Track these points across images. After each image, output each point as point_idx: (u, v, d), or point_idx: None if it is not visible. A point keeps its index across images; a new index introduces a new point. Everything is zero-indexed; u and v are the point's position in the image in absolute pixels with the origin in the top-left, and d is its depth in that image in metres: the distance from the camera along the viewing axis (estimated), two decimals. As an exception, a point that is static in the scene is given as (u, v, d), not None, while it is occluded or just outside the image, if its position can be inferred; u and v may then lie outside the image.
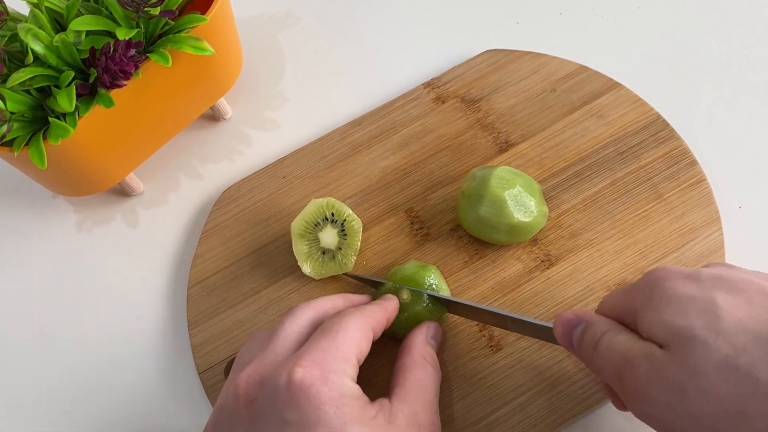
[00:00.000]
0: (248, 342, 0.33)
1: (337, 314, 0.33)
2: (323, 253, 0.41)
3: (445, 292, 0.39)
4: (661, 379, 0.25)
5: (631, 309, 0.29)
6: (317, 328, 0.32)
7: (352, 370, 0.30)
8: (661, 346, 0.26)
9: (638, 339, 0.27)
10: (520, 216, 0.38)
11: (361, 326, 0.32)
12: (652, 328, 0.27)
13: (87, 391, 0.42)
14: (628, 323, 0.29)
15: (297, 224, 0.41)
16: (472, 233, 0.40)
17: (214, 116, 0.49)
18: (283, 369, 0.29)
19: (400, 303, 0.37)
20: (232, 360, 0.40)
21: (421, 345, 0.35)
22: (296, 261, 0.42)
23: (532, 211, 0.39)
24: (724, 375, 0.24)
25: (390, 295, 0.37)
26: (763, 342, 0.24)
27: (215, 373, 0.40)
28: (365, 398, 0.30)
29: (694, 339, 0.25)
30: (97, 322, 0.43)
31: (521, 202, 0.38)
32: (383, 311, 0.35)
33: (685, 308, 0.26)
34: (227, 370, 0.40)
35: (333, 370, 0.29)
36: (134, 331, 0.43)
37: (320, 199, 0.41)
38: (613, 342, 0.28)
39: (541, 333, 0.35)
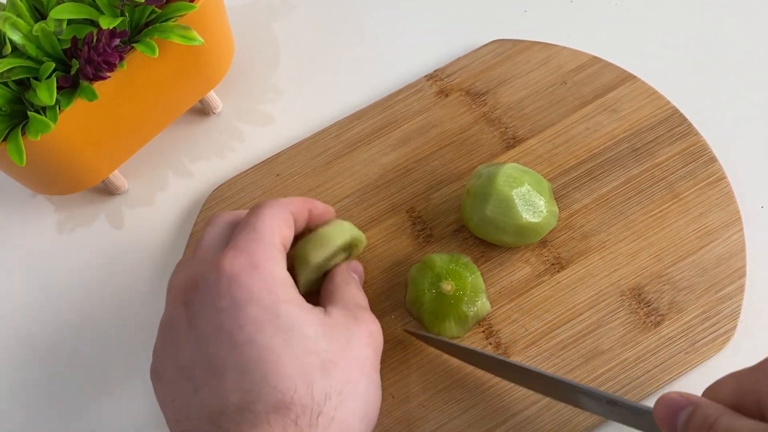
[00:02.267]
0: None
1: (253, 207, 0.34)
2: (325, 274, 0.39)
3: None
4: None
5: (754, 394, 0.27)
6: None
7: (280, 256, 0.32)
8: None
9: (762, 424, 0.26)
10: (528, 216, 0.38)
11: (279, 213, 0.34)
12: None
13: (68, 401, 0.41)
14: (750, 410, 0.27)
15: (317, 255, 0.36)
16: (478, 234, 0.40)
17: (203, 110, 0.49)
18: (211, 264, 0.31)
19: (443, 293, 0.38)
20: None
21: (342, 272, 0.37)
22: (291, 263, 0.41)
23: (542, 211, 0.38)
24: None
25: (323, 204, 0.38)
26: None
27: (206, 383, 0.39)
28: (294, 286, 0.32)
29: None
30: (79, 328, 0.43)
31: (530, 202, 0.38)
32: (304, 200, 0.36)
33: None
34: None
35: (260, 256, 0.31)
36: (119, 336, 0.43)
37: (347, 227, 0.38)
38: (734, 425, 0.26)
39: (626, 413, 0.32)
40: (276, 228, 0.33)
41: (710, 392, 0.29)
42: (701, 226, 0.40)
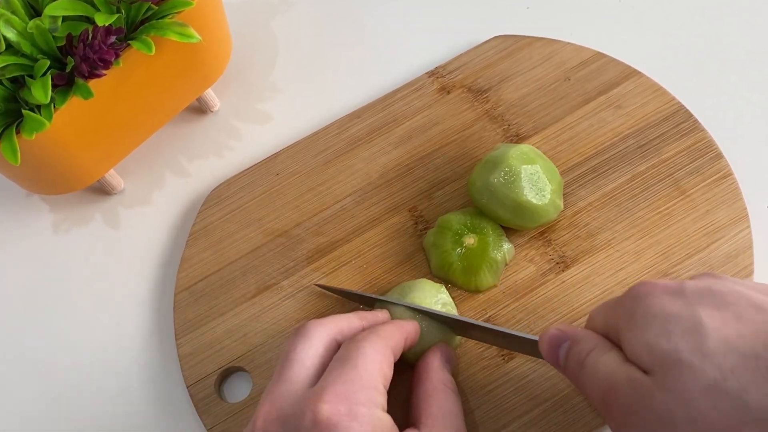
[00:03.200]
0: None
1: (352, 340, 0.32)
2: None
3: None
4: (647, 408, 0.25)
5: (614, 326, 0.29)
6: (334, 356, 0.32)
7: (381, 399, 0.30)
8: (645, 371, 0.26)
9: (623, 361, 0.27)
10: (530, 196, 0.38)
11: (380, 349, 0.32)
12: (635, 351, 0.26)
13: (63, 405, 0.41)
14: (614, 341, 0.29)
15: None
16: (477, 203, 0.40)
17: (201, 108, 0.49)
18: (305, 406, 0.29)
19: (469, 248, 0.38)
20: (223, 372, 0.40)
21: (438, 370, 0.35)
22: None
23: (545, 196, 0.39)
24: (712, 402, 0.24)
25: (409, 320, 0.37)
26: (752, 363, 0.24)
27: (205, 385, 0.40)
28: (396, 429, 0.30)
29: (679, 363, 0.25)
30: (75, 331, 0.43)
31: (536, 183, 0.39)
32: (400, 331, 0.34)
33: (669, 328, 0.26)
34: (218, 385, 0.40)
35: (360, 402, 0.29)
36: (115, 340, 0.43)
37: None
38: (597, 362, 0.28)
39: (529, 347, 0.34)
40: (378, 369, 0.31)
41: (590, 319, 0.31)
42: (708, 224, 0.40)
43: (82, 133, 0.40)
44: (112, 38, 0.37)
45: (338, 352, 0.32)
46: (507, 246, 0.40)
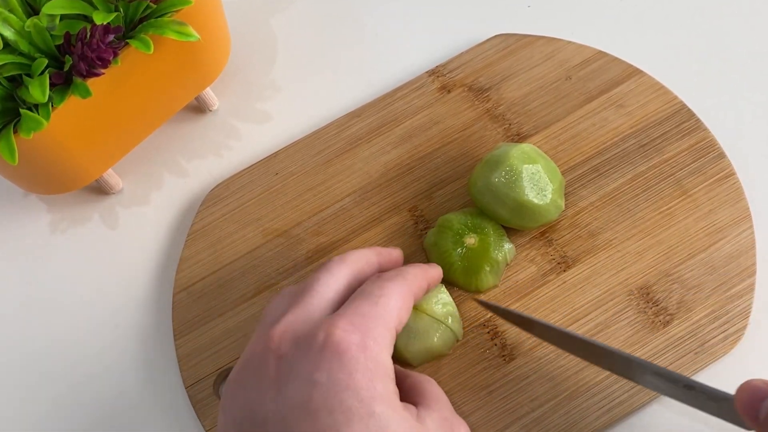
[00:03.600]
0: (275, 299, 0.33)
1: (378, 277, 0.33)
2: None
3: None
4: None
5: None
6: (356, 290, 0.32)
7: (391, 342, 0.31)
8: None
9: None
10: (531, 195, 0.38)
11: (404, 293, 0.32)
12: None
13: (61, 406, 0.41)
14: None
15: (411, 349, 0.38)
16: (477, 203, 0.40)
17: (199, 108, 0.49)
18: (321, 329, 0.29)
19: (470, 248, 0.38)
20: (222, 373, 0.40)
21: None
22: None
23: (546, 196, 0.39)
24: None
25: (433, 264, 0.37)
26: None
27: (204, 387, 0.40)
28: (394, 382, 0.30)
29: None
30: (73, 332, 0.43)
31: (538, 183, 0.39)
32: (425, 275, 0.35)
33: None
34: (217, 386, 0.40)
35: (373, 337, 0.29)
36: (113, 341, 0.43)
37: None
38: None
39: (703, 399, 0.31)
40: (397, 311, 0.31)
41: None
42: (710, 224, 0.40)
43: (80, 133, 0.40)
44: (111, 37, 0.37)
45: (363, 286, 0.32)
46: (508, 246, 0.40)
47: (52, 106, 0.37)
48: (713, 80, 0.46)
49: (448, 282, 0.40)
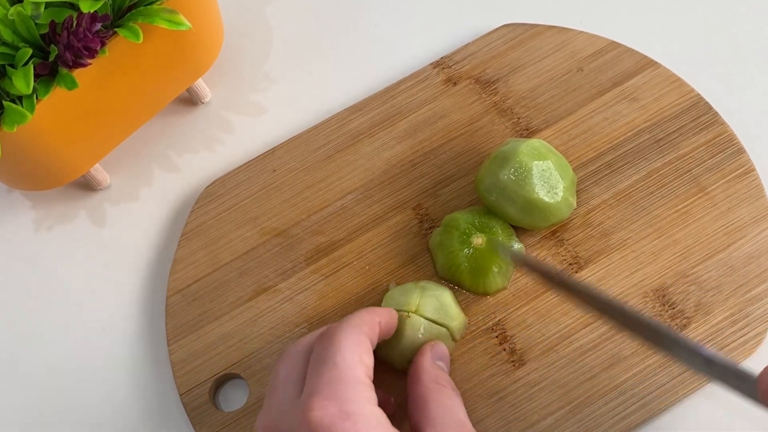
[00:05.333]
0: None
1: (324, 334, 0.33)
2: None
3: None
4: None
5: None
6: (311, 356, 0.32)
7: (369, 392, 0.30)
8: None
9: None
10: (542, 193, 0.38)
11: (354, 339, 0.32)
12: None
13: (47, 415, 0.41)
14: None
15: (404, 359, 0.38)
16: (485, 200, 0.40)
17: (191, 100, 0.49)
18: (295, 417, 0.30)
19: (477, 248, 0.38)
20: (219, 379, 0.40)
21: (428, 369, 0.35)
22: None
23: (557, 194, 0.38)
24: None
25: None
26: None
27: (199, 394, 0.39)
28: (389, 423, 0.30)
29: None
30: (58, 336, 0.43)
31: (548, 180, 0.38)
32: (370, 315, 0.35)
33: None
34: (213, 393, 0.40)
35: (350, 400, 0.29)
36: (102, 346, 0.42)
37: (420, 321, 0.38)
38: None
39: (727, 375, 0.31)
40: (357, 360, 0.31)
41: None
42: (729, 222, 0.40)
43: (65, 126, 0.40)
44: (98, 25, 0.37)
45: (314, 352, 0.32)
46: (517, 246, 0.40)
47: (36, 98, 0.37)
48: (731, 71, 0.46)
49: (454, 284, 0.40)
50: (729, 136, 0.42)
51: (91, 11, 0.36)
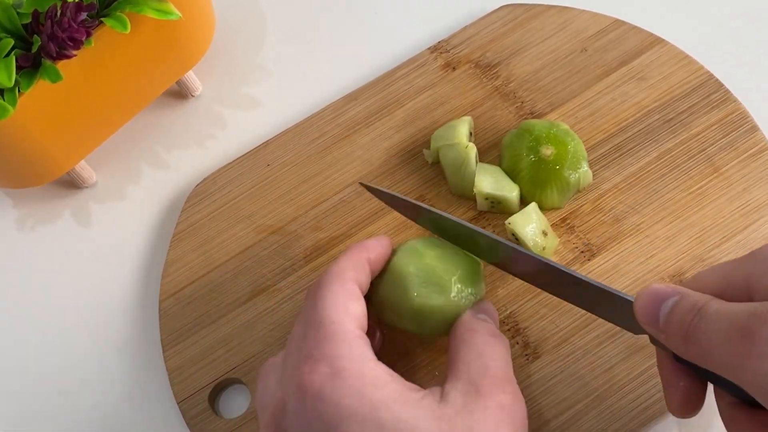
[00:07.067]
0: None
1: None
2: None
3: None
4: None
5: (742, 280, 0.28)
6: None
7: (360, 343, 0.30)
8: None
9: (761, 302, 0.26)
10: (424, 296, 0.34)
11: (337, 290, 0.31)
12: None
13: (31, 427, 0.41)
14: (737, 299, 0.28)
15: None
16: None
17: (181, 93, 0.49)
18: (289, 386, 0.30)
19: (543, 158, 0.37)
20: (218, 385, 0.39)
21: (467, 321, 0.34)
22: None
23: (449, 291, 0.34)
24: None
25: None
26: None
27: (198, 401, 0.39)
28: (400, 379, 0.30)
29: None
30: (43, 344, 0.43)
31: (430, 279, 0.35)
32: (358, 251, 0.34)
33: None
34: (213, 399, 0.40)
35: (338, 356, 0.29)
36: (90, 353, 0.42)
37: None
38: (723, 307, 0.27)
39: (610, 308, 0.32)
40: (342, 312, 0.31)
41: (696, 281, 0.30)
42: (745, 203, 0.40)
43: (49, 121, 0.40)
44: (83, 15, 0.37)
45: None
46: (584, 170, 0.40)
47: (18, 91, 0.37)
48: (742, 47, 0.46)
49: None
50: (742, 113, 0.42)
51: (76, 0, 0.37)
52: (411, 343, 0.38)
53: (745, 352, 0.25)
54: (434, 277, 0.34)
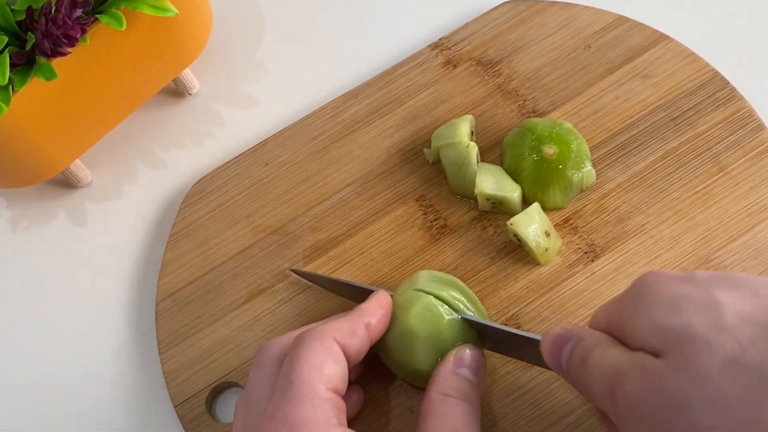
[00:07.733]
0: None
1: (293, 343, 0.32)
2: None
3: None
4: (658, 392, 0.25)
5: (618, 321, 0.29)
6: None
7: (326, 407, 0.30)
8: (655, 355, 0.26)
9: (629, 351, 0.28)
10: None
11: (315, 350, 0.31)
12: (642, 335, 0.27)
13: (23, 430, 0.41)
14: (618, 338, 0.29)
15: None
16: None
17: (177, 91, 0.49)
18: None
19: (545, 158, 0.38)
20: (216, 389, 0.39)
21: (446, 376, 0.34)
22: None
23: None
24: (731, 376, 0.24)
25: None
26: None
27: (196, 405, 0.39)
28: None
29: (693, 339, 0.25)
30: (37, 346, 0.43)
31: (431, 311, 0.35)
32: (355, 317, 0.34)
33: (681, 306, 0.26)
34: (210, 403, 0.40)
35: (301, 421, 0.29)
36: (87, 356, 0.42)
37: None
38: (603, 355, 0.28)
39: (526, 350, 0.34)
40: (315, 373, 0.31)
41: (594, 318, 0.31)
42: (752, 202, 0.40)
43: (44, 119, 0.40)
44: (78, 11, 0.37)
45: (284, 362, 0.32)
46: (587, 169, 0.40)
47: (12, 89, 0.37)
48: (747, 44, 0.46)
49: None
50: (748, 111, 0.42)
51: (71, -4, 0.37)
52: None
53: (612, 410, 0.28)
54: (439, 344, 0.35)
